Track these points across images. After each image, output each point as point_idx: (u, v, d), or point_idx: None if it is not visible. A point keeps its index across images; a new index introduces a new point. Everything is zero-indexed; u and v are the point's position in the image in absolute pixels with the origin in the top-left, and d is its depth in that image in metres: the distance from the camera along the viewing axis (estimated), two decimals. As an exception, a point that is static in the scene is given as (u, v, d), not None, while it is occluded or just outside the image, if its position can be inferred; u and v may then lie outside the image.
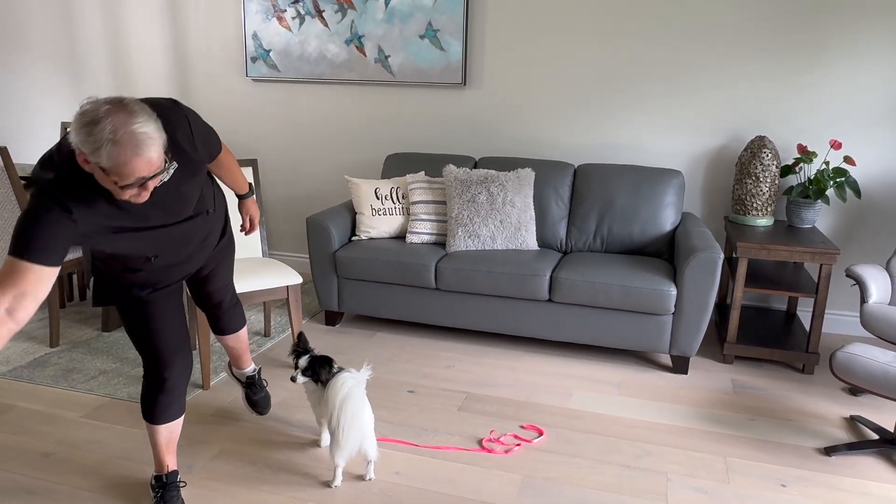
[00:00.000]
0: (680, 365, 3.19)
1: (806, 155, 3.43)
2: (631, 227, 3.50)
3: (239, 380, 2.66)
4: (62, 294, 3.81)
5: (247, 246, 3.26)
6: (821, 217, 3.64)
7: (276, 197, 4.57)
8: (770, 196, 3.47)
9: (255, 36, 4.26)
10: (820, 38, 3.46)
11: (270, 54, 4.27)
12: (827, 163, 3.42)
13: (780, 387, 3.10)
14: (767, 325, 3.54)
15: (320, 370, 2.31)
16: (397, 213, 3.66)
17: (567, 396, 2.95)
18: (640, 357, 3.37)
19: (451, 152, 4.12)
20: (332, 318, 3.67)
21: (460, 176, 3.52)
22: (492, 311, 3.33)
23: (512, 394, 2.96)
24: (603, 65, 3.79)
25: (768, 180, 3.43)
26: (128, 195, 1.57)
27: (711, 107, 3.67)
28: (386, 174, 3.95)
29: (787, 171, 3.52)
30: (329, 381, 2.26)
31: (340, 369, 2.31)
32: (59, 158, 1.65)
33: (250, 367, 2.63)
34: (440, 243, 3.60)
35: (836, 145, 3.39)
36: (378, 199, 3.65)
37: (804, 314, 3.77)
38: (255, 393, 2.63)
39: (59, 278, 3.76)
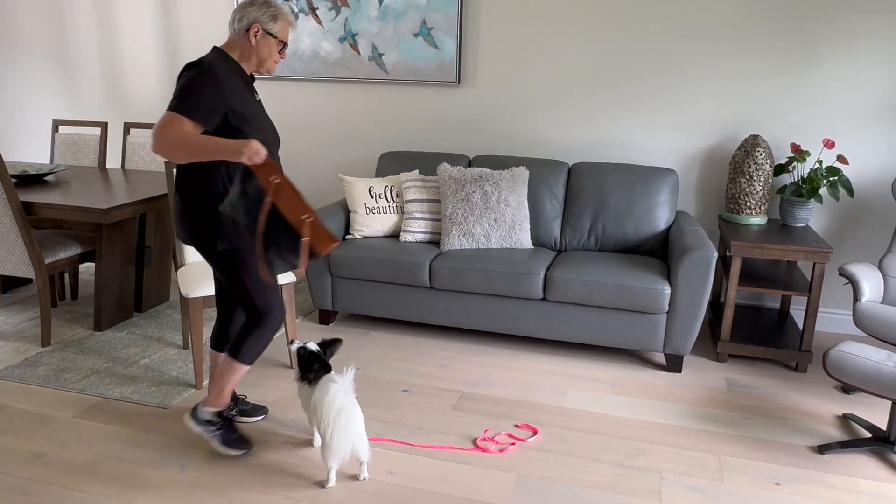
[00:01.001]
0: (674, 363, 3.20)
1: (799, 154, 3.44)
2: (625, 225, 3.50)
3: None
4: (54, 293, 3.79)
5: None
6: (814, 216, 3.65)
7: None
8: (763, 195, 3.47)
9: (248, 33, 4.24)
10: (813, 36, 3.47)
11: (264, 52, 4.25)
12: (820, 162, 3.43)
13: (774, 385, 3.10)
14: (761, 324, 3.55)
15: (308, 370, 2.32)
16: (391, 211, 3.65)
17: (561, 395, 2.95)
18: (635, 356, 3.38)
19: (446, 151, 4.11)
20: (326, 317, 3.66)
21: (454, 174, 3.51)
22: (486, 310, 3.33)
23: (506, 393, 2.96)
24: (597, 63, 3.78)
25: (762, 179, 3.44)
26: (276, 59, 2.25)
27: (705, 105, 3.68)
28: (380, 173, 3.94)
29: (780, 169, 3.53)
30: (316, 387, 2.26)
31: (324, 367, 2.30)
32: (210, 57, 2.16)
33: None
34: (434, 242, 3.59)
35: (829, 144, 3.40)
36: (372, 197, 3.64)
37: (797, 313, 3.78)
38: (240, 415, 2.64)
39: (50, 277, 3.74)
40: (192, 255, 3.14)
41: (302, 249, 2.00)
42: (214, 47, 2.23)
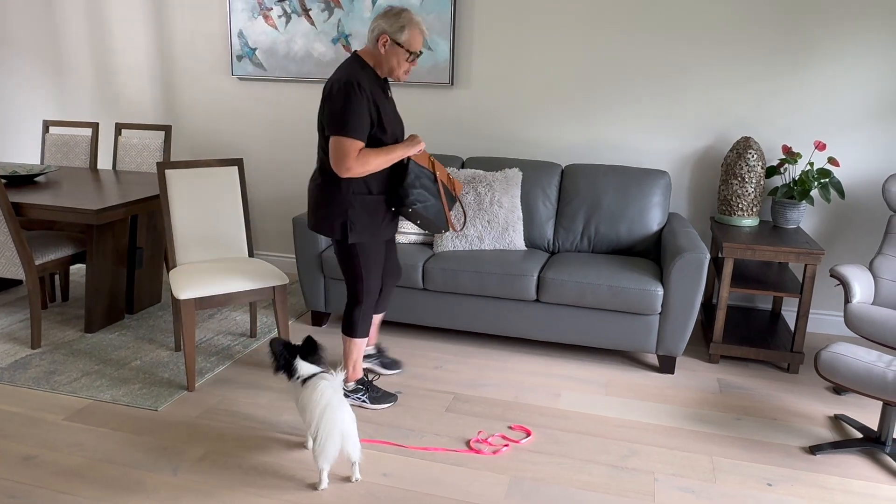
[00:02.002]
0: (667, 364, 3.20)
1: (791, 156, 3.46)
2: (618, 227, 3.51)
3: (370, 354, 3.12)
4: (44, 295, 3.76)
5: (232, 245, 3.23)
6: (805, 217, 3.67)
7: (262, 197, 4.54)
8: (755, 197, 3.49)
9: (240, 34, 4.23)
10: (804, 39, 3.49)
11: (256, 53, 4.24)
12: (811, 164, 3.45)
13: (766, 386, 3.12)
14: (753, 325, 3.56)
15: (281, 362, 2.36)
16: (384, 213, 3.65)
17: (555, 396, 2.95)
18: (628, 357, 3.38)
19: (439, 152, 4.11)
20: (318, 319, 3.64)
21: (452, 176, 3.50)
22: (479, 312, 3.33)
23: (500, 394, 2.96)
24: (591, 66, 3.79)
25: (753, 181, 3.46)
26: (406, 69, 2.45)
27: (697, 107, 3.69)
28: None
29: (772, 171, 3.54)
30: (305, 387, 2.27)
31: (294, 356, 2.35)
32: (349, 70, 2.40)
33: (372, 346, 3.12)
34: (427, 243, 3.59)
35: (820, 146, 3.42)
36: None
37: (789, 314, 3.80)
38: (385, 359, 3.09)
39: (41, 279, 3.71)
40: (185, 255, 3.12)
41: (459, 200, 2.90)
42: (354, 53, 2.49)
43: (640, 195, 3.51)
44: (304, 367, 2.34)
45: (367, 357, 3.11)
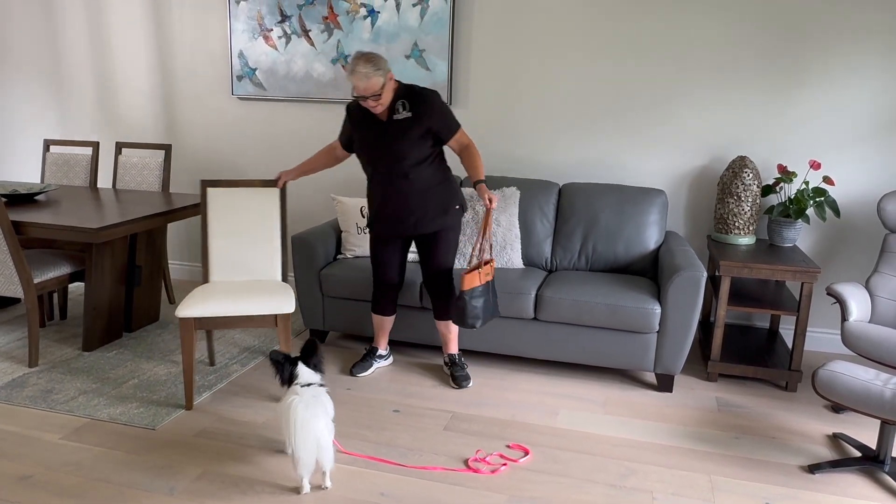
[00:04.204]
0: (665, 383, 3.20)
1: (786, 175, 3.48)
2: (615, 245, 3.53)
3: (444, 361, 3.31)
4: (42, 313, 3.76)
5: (266, 268, 3.16)
6: (801, 236, 3.69)
7: (261, 215, 4.55)
8: (752, 215, 3.51)
9: (241, 54, 4.27)
10: (799, 60, 3.53)
11: (256, 73, 4.28)
12: (807, 182, 3.48)
13: (764, 404, 3.11)
14: (750, 343, 3.57)
15: (282, 371, 2.43)
16: (383, 231, 3.66)
17: (553, 415, 2.94)
18: (625, 375, 3.38)
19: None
20: (317, 337, 3.64)
21: (446, 194, 3.52)
22: (477, 330, 3.33)
23: (498, 413, 2.95)
24: (587, 85, 3.83)
25: (750, 200, 3.48)
26: (369, 103, 2.80)
27: (693, 127, 3.73)
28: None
29: (767, 190, 3.57)
30: (282, 398, 2.35)
31: (293, 363, 2.41)
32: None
33: (448, 354, 3.28)
34: (426, 262, 3.60)
35: (815, 165, 3.45)
36: (364, 217, 3.65)
37: (786, 332, 3.80)
38: (456, 371, 3.21)
39: (39, 297, 3.72)
40: (218, 273, 3.12)
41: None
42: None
43: (637, 214, 3.53)
44: (304, 374, 2.41)
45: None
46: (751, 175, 3.47)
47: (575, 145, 3.89)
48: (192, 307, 2.80)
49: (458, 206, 3.05)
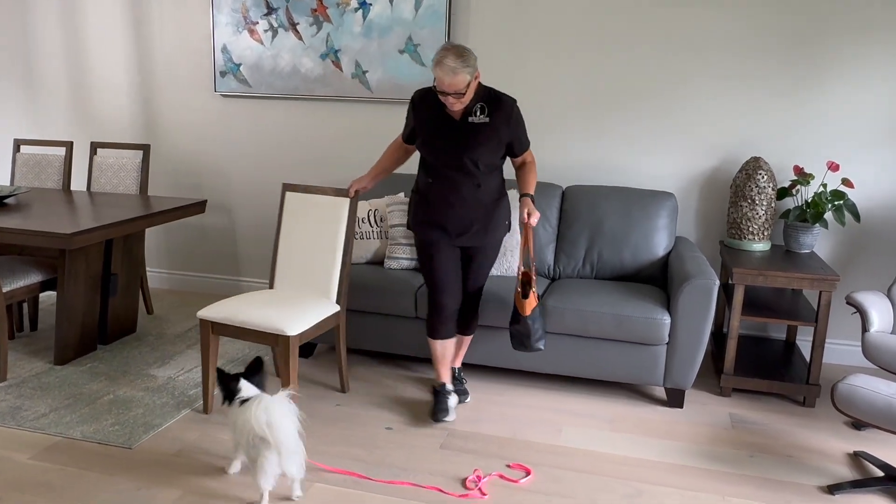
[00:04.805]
0: (675, 398, 3.21)
1: (803, 177, 3.50)
2: (622, 252, 3.54)
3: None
4: (11, 324, 3.75)
5: (319, 281, 3.14)
6: (819, 242, 3.70)
7: (245, 219, 4.56)
8: (766, 220, 3.52)
9: (224, 49, 4.28)
10: (816, 55, 3.55)
11: (241, 68, 4.29)
12: (824, 185, 3.49)
13: (781, 421, 3.12)
14: (766, 356, 3.57)
15: (229, 388, 2.47)
16: (375, 236, 3.67)
17: (556, 432, 2.94)
18: (633, 390, 3.38)
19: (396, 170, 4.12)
20: (304, 350, 3.64)
21: (442, 198, 3.53)
22: (475, 342, 3.33)
23: (497, 430, 2.95)
24: (592, 83, 3.85)
25: (764, 203, 3.49)
26: (447, 101, 2.74)
27: (704, 126, 3.74)
28: (363, 196, 3.95)
29: (783, 193, 3.58)
30: (242, 408, 2.35)
31: (236, 380, 2.45)
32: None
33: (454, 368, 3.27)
34: (419, 269, 3.60)
35: (833, 167, 3.47)
36: (377, 223, 3.66)
37: (804, 343, 3.80)
38: (455, 385, 3.16)
39: (8, 307, 3.71)
40: (280, 282, 3.21)
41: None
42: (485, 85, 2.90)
43: (645, 218, 3.54)
44: (247, 389, 2.45)
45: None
46: (765, 177, 3.48)
47: (579, 145, 3.90)
48: (215, 309, 2.92)
49: (507, 222, 3.06)
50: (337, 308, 3.10)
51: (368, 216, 3.68)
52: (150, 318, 4.15)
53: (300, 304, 2.98)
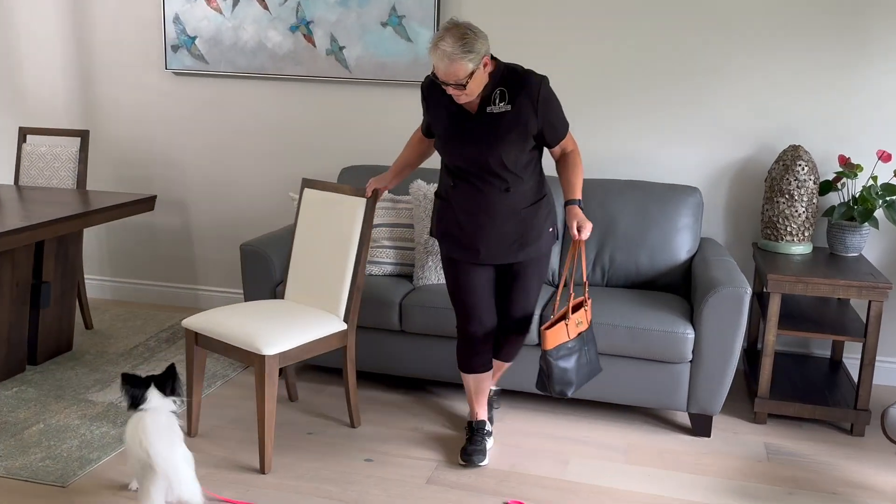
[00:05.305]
0: (700, 426, 3.21)
1: (849, 168, 3.51)
2: (637, 255, 3.54)
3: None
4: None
5: (328, 293, 3.12)
6: (869, 243, 3.71)
7: (203, 218, 4.55)
8: (807, 218, 3.54)
9: (176, 19, 4.28)
10: (867, 27, 3.56)
11: (196, 42, 4.29)
12: (874, 178, 3.50)
13: (824, 452, 3.12)
14: (807, 376, 3.58)
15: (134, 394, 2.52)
16: (352, 238, 3.67)
17: (562, 465, 2.94)
18: (652, 416, 3.39)
19: (421, 165, 4.13)
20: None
21: (431, 194, 3.54)
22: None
23: (494, 461, 2.95)
24: (605, 62, 3.85)
25: (804, 199, 3.51)
26: (450, 90, 2.63)
27: (734, 110, 3.75)
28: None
29: (827, 187, 3.59)
30: (128, 421, 2.45)
31: (139, 387, 2.50)
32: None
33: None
34: (406, 275, 3.60)
35: (884, 157, 3.48)
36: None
37: (851, 362, 3.81)
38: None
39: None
40: (291, 290, 3.22)
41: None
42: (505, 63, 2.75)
43: (665, 217, 3.55)
44: (153, 399, 2.48)
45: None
46: (806, 169, 3.50)
47: (589, 134, 3.91)
48: (202, 317, 2.99)
49: (551, 229, 2.91)
50: (342, 326, 3.04)
51: (344, 214, 3.68)
52: (88, 334, 4.14)
53: (296, 319, 2.96)
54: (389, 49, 4.05)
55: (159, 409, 2.46)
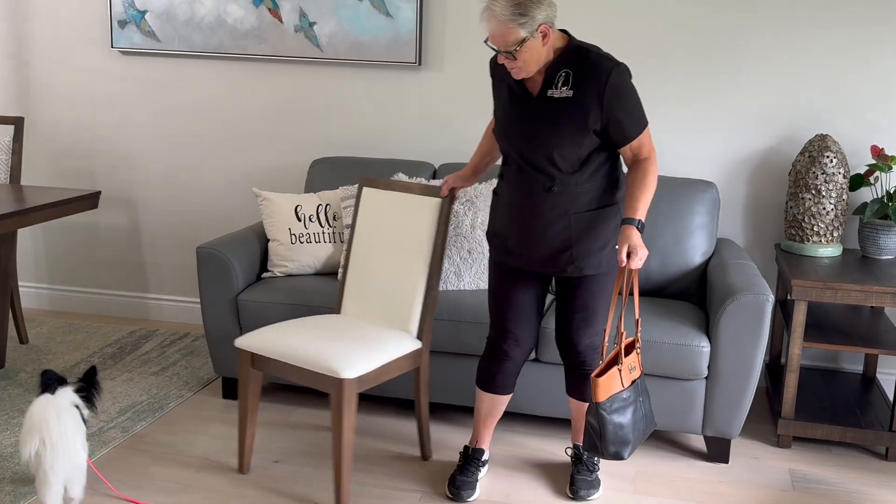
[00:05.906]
0: (717, 450, 3.24)
1: (883, 160, 3.54)
2: (646, 258, 3.57)
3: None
4: None
5: (397, 312, 3.08)
6: (905, 245, 3.76)
7: (154, 217, 4.55)
8: (836, 216, 3.57)
9: (125, -8, 4.29)
10: (897, 4, 3.61)
11: (146, 17, 4.28)
12: (911, 171, 3.55)
13: (855, 479, 3.15)
14: (836, 394, 3.62)
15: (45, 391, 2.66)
16: (326, 239, 3.69)
17: (562, 495, 2.96)
18: (663, 439, 3.41)
19: (401, 157, 4.15)
20: (231, 389, 3.64)
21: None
22: (455, 377, 3.35)
23: (485, 491, 2.97)
24: (608, 39, 3.88)
25: (833, 195, 3.54)
26: (500, 59, 2.58)
27: (754, 96, 3.79)
28: (311, 187, 3.98)
29: (858, 182, 3.63)
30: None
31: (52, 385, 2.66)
32: (602, 52, 2.70)
33: (574, 443, 3.03)
34: (385, 282, 3.63)
35: (921, 148, 3.53)
36: (300, 220, 3.68)
37: (886, 378, 3.84)
38: (581, 473, 2.95)
39: None
40: (348, 303, 3.19)
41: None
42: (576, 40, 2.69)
43: (677, 215, 3.59)
44: (64, 394, 2.64)
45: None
46: (835, 161, 3.53)
47: (593, 120, 3.94)
48: (257, 336, 2.96)
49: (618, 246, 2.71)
50: (417, 345, 3.01)
51: (318, 213, 3.70)
52: (23, 350, 4.13)
53: (366, 337, 2.91)
54: (366, 26, 4.06)
55: (66, 397, 2.63)
